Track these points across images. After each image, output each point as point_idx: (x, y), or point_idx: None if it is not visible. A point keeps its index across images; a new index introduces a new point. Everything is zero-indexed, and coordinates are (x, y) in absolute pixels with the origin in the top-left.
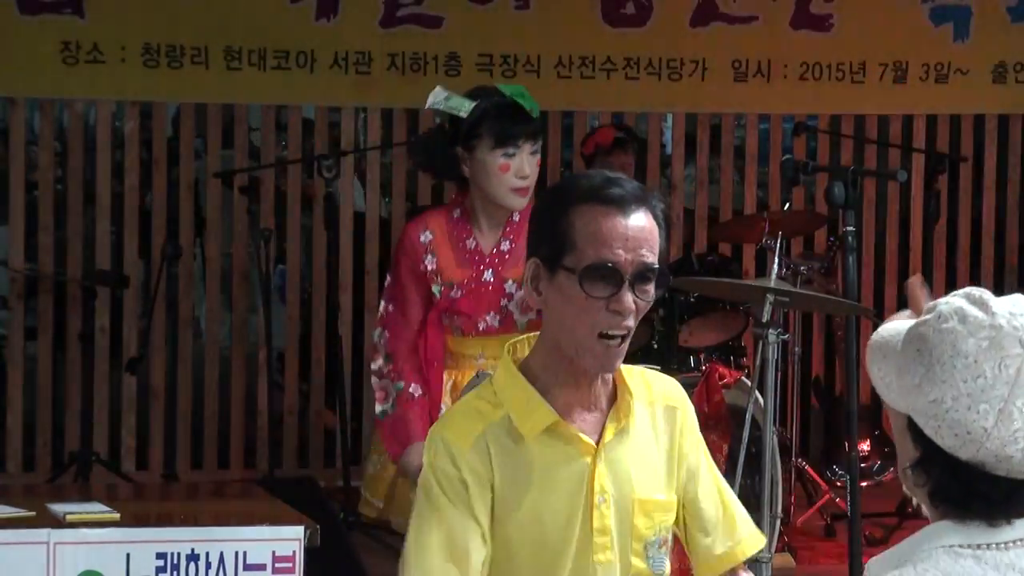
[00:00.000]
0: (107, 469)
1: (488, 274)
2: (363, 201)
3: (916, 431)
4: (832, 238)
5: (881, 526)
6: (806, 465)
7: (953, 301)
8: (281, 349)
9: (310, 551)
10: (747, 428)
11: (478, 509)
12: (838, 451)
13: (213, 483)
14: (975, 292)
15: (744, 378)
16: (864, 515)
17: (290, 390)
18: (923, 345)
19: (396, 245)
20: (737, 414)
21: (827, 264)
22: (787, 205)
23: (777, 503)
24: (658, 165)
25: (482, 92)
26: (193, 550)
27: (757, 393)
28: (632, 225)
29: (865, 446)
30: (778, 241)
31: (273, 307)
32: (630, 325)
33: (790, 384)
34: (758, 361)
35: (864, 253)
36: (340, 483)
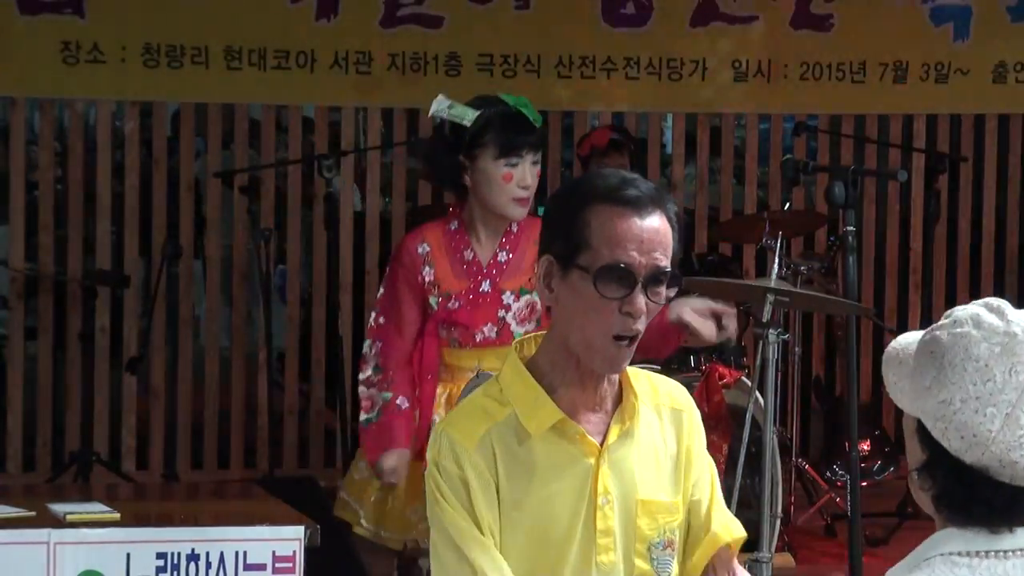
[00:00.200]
0: (107, 469)
1: (486, 285)
2: (359, 202)
3: (924, 434)
4: (832, 238)
5: (881, 526)
6: (806, 465)
7: (970, 308)
8: (281, 349)
9: (310, 551)
10: (747, 428)
11: (481, 511)
12: (838, 451)
13: (213, 483)
14: (993, 301)
15: (744, 378)
16: (864, 515)
17: (290, 390)
18: (936, 348)
19: (392, 257)
20: (737, 414)
21: (827, 264)
22: (787, 205)
23: (777, 503)
24: (658, 165)
25: (485, 101)
26: (193, 550)
27: (757, 393)
28: (647, 227)
29: (865, 446)
30: (778, 241)
31: (273, 307)
32: (640, 328)
33: (790, 384)
34: (758, 361)
35: (864, 253)
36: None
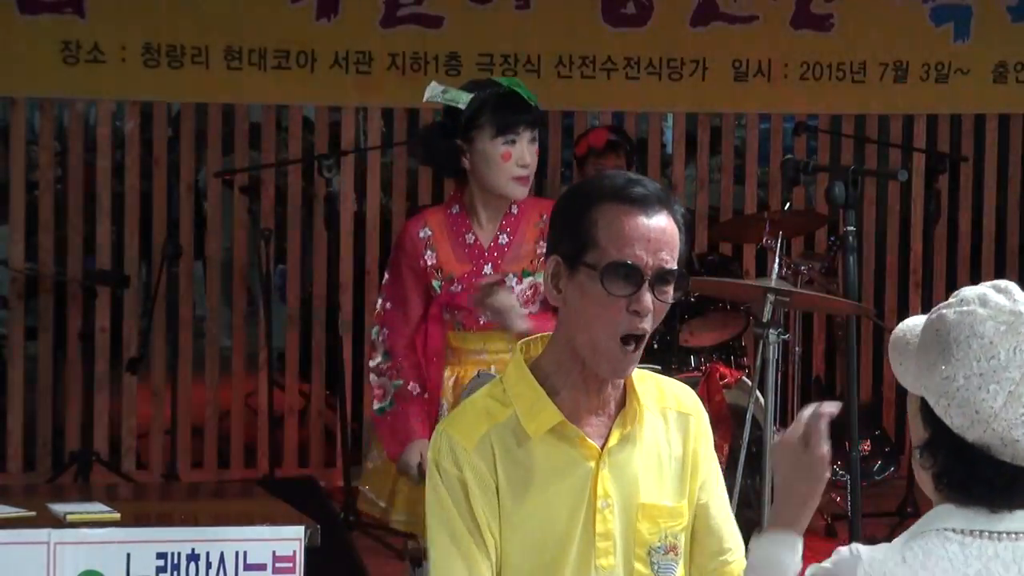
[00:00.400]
0: (107, 469)
1: (488, 268)
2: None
3: (927, 412)
4: (832, 238)
5: (881, 526)
6: None
7: (978, 288)
8: (281, 349)
9: (310, 551)
10: (748, 428)
11: (480, 511)
12: (838, 451)
13: (213, 483)
14: (1001, 283)
15: (745, 378)
16: (864, 515)
17: (290, 390)
18: (942, 326)
19: (395, 243)
20: (738, 414)
21: (827, 264)
22: (787, 205)
23: None
24: (658, 165)
25: (479, 84)
26: (193, 550)
27: (758, 393)
28: (654, 226)
29: (865, 446)
30: (778, 241)
31: (273, 307)
32: (647, 328)
33: (791, 384)
34: (758, 361)
35: (864, 253)
36: (340, 483)
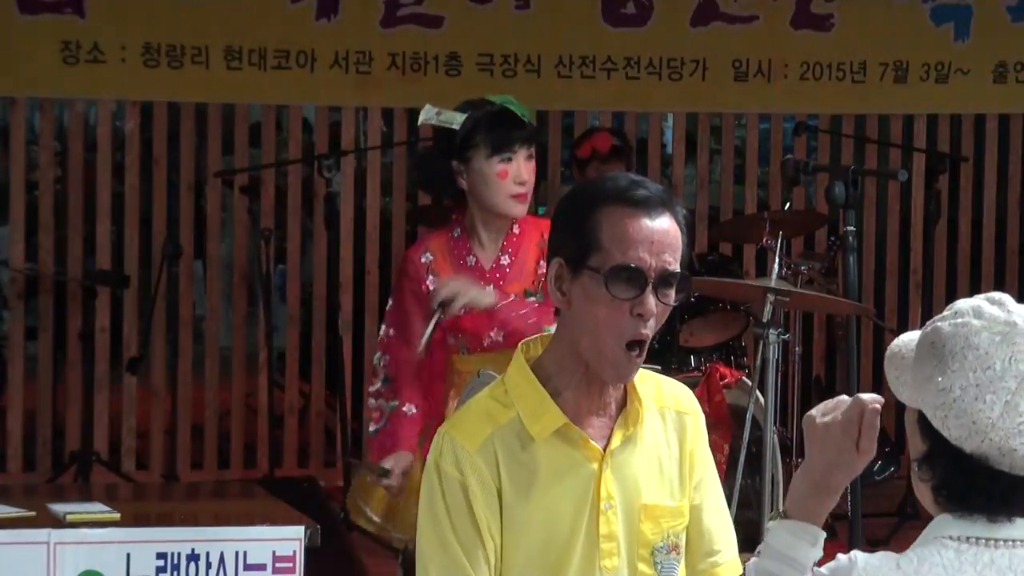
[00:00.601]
0: (107, 469)
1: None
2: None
3: (924, 424)
4: (832, 238)
5: (881, 526)
6: None
7: (972, 300)
8: (281, 349)
9: (310, 551)
10: (748, 428)
11: (481, 514)
12: None
13: (213, 483)
14: (995, 294)
15: (745, 378)
16: (864, 515)
17: (290, 390)
18: (937, 338)
19: (397, 269)
20: (738, 414)
21: (827, 264)
22: (787, 205)
23: (778, 503)
24: (658, 165)
25: (472, 104)
26: (193, 550)
27: (758, 393)
28: (657, 228)
29: None
30: (778, 241)
31: (273, 307)
32: (650, 332)
33: (791, 384)
34: (759, 361)
35: (864, 253)
36: (340, 483)
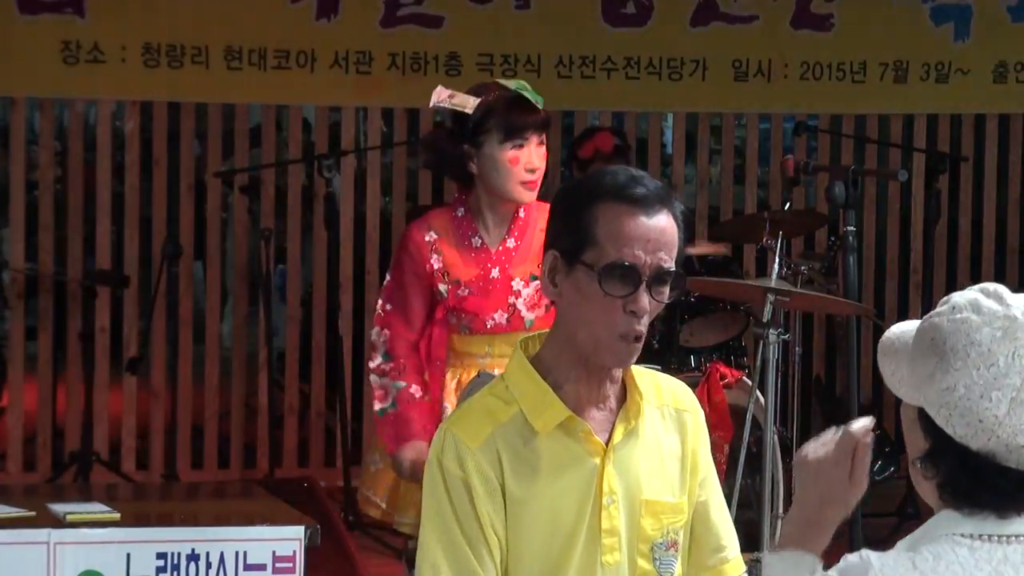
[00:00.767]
0: (107, 469)
1: (495, 272)
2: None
3: (927, 422)
4: (832, 238)
5: (881, 526)
6: None
7: (967, 293)
8: (281, 349)
9: (310, 551)
10: (748, 428)
11: (484, 510)
12: None
13: (213, 483)
14: (990, 286)
15: (745, 378)
16: (864, 515)
17: (290, 390)
18: (937, 335)
19: (398, 245)
20: (738, 414)
21: (827, 264)
22: (787, 205)
23: (778, 503)
24: (658, 165)
25: (485, 88)
26: (193, 550)
27: (758, 393)
28: (654, 226)
29: None
30: (778, 241)
31: (273, 307)
32: (643, 328)
33: (791, 384)
34: (759, 361)
35: (864, 253)
36: (340, 483)
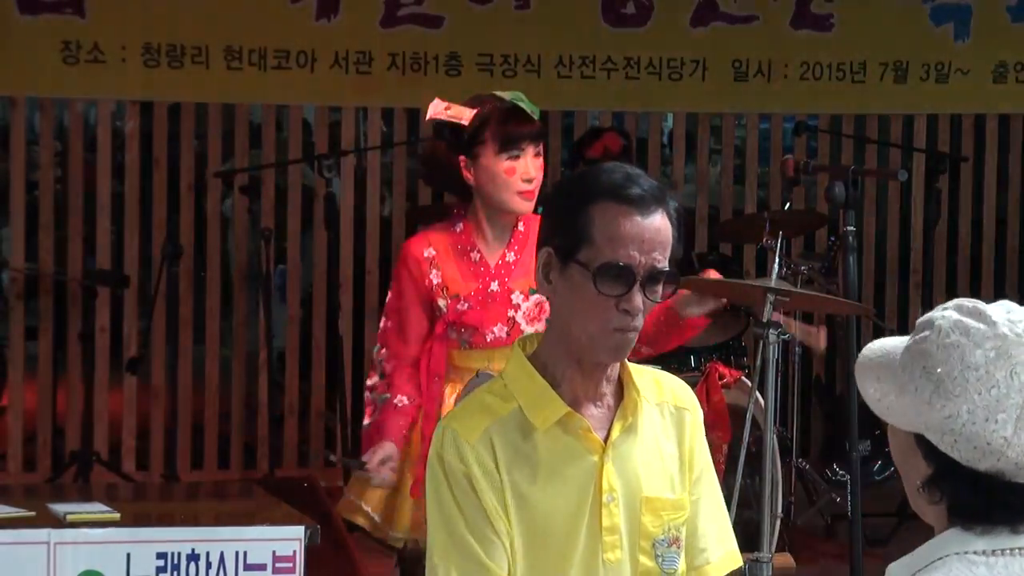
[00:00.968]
0: (107, 469)
1: (495, 285)
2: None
3: (928, 448)
4: (832, 238)
5: (881, 526)
6: (806, 465)
7: (948, 315)
8: (281, 349)
9: (310, 551)
10: (747, 428)
11: (488, 501)
12: (838, 451)
13: (213, 483)
14: (966, 304)
15: (744, 378)
16: (864, 515)
17: (290, 390)
18: (928, 361)
19: (397, 261)
20: (737, 414)
21: (827, 264)
22: (787, 205)
23: (777, 503)
24: (658, 165)
25: (480, 100)
26: (193, 550)
27: (757, 393)
28: (649, 226)
29: (865, 446)
30: (778, 241)
31: (273, 307)
32: (638, 325)
33: (790, 384)
34: (758, 361)
35: (864, 253)
36: (340, 483)
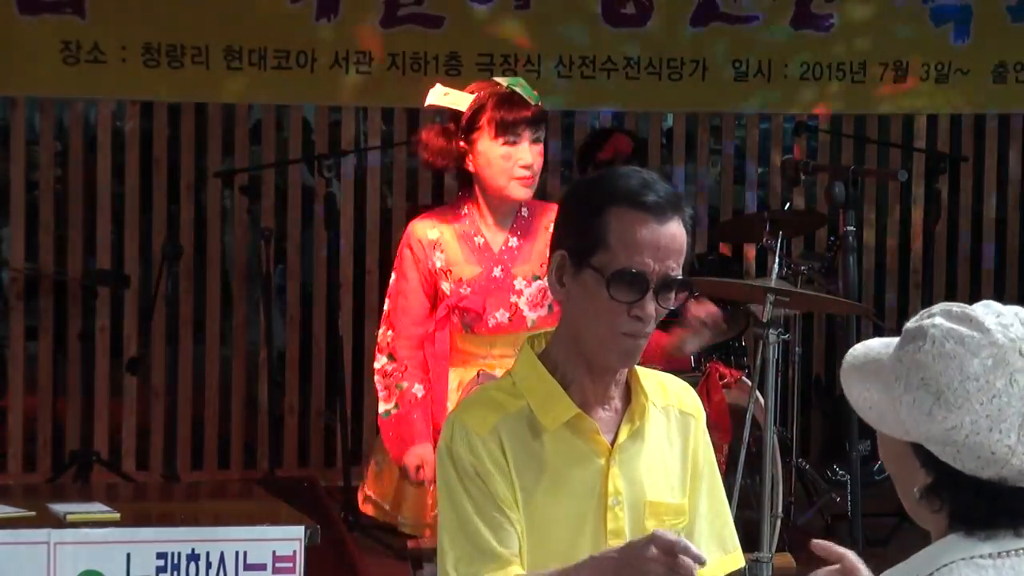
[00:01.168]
0: (107, 469)
1: (497, 271)
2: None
3: (926, 457)
4: (832, 238)
5: (881, 526)
6: (806, 465)
7: (940, 323)
8: (281, 349)
9: (310, 551)
10: (747, 428)
11: (499, 491)
12: (838, 451)
13: (213, 483)
14: (954, 309)
15: (745, 378)
16: (864, 515)
17: (290, 390)
18: (926, 373)
19: (401, 244)
20: (737, 414)
21: (827, 264)
22: (787, 205)
23: (777, 503)
24: (658, 165)
25: (481, 86)
26: (193, 550)
27: (758, 393)
28: (664, 234)
29: (865, 446)
30: (778, 241)
31: (273, 307)
32: (649, 331)
33: (790, 384)
34: (759, 361)
35: (864, 253)
36: (340, 483)
